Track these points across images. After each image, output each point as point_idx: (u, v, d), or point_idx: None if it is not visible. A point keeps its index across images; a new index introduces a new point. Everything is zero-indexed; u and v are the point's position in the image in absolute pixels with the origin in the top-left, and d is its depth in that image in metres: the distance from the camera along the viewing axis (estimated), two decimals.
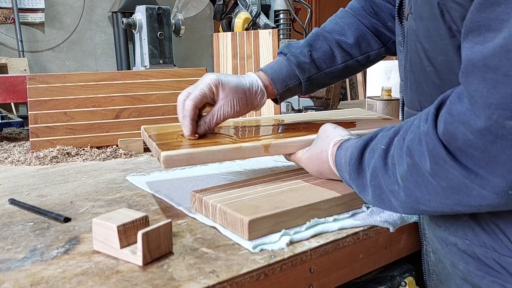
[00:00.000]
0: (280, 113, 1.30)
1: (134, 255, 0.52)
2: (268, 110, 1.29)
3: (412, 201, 0.50)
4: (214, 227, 0.63)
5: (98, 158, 1.09)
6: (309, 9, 1.69)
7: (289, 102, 1.74)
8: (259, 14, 1.57)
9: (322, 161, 0.68)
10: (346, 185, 0.64)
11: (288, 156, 0.78)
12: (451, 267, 0.58)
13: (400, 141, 0.51)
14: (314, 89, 0.90)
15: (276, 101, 0.88)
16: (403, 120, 0.70)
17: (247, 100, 0.80)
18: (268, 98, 0.85)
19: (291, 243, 0.58)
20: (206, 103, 0.78)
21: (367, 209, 0.68)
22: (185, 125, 0.76)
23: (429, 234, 0.64)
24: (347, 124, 0.87)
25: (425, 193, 0.48)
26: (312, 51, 0.85)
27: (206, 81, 0.76)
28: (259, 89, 0.82)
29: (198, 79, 0.79)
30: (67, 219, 0.67)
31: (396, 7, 0.68)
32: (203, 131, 0.78)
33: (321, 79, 0.87)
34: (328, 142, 0.67)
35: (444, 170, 0.45)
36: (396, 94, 1.15)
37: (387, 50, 0.90)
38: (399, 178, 0.50)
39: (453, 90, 0.47)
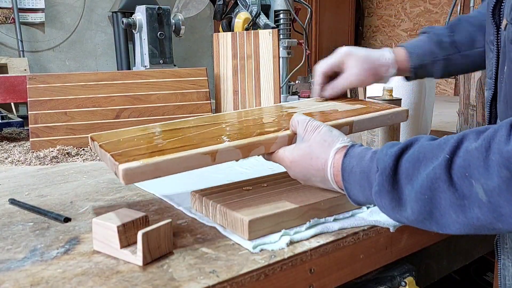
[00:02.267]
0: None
1: (134, 255, 0.52)
2: (267, 103, 1.29)
3: (492, 218, 0.45)
4: (214, 227, 0.63)
5: (98, 158, 1.09)
6: (309, 9, 1.69)
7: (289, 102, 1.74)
8: (259, 14, 1.57)
9: (315, 168, 0.60)
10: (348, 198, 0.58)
11: (267, 156, 0.69)
12: None
13: (481, 151, 0.44)
14: (449, 71, 0.88)
15: (408, 78, 0.89)
16: (490, 118, 0.67)
17: (372, 70, 0.82)
18: (400, 73, 0.86)
19: (291, 243, 0.58)
20: (336, 71, 0.85)
21: (367, 209, 0.68)
22: (313, 89, 0.86)
23: None
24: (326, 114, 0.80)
25: None
26: (454, 32, 0.85)
27: (338, 51, 0.84)
28: (389, 61, 0.83)
29: (198, 79, 0.79)
30: (67, 219, 0.67)
31: (492, 6, 0.64)
32: (328, 95, 0.86)
33: (458, 62, 0.85)
34: (325, 149, 0.60)
35: None
36: (396, 94, 1.14)
37: None
38: (483, 192, 0.44)
39: None
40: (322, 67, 0.85)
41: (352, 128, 0.73)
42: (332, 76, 0.86)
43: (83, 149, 1.13)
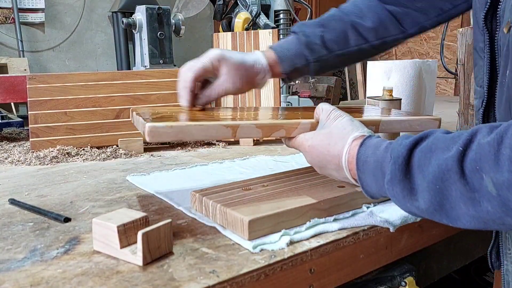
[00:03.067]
0: (280, 104, 1.30)
1: (134, 255, 0.52)
2: (267, 102, 1.29)
3: (501, 212, 0.45)
4: (214, 227, 0.63)
5: (98, 158, 1.09)
6: (309, 9, 1.69)
7: (289, 102, 1.74)
8: (259, 14, 1.57)
9: (332, 155, 0.60)
10: (360, 186, 0.58)
11: (287, 141, 0.70)
12: None
13: (492, 145, 0.44)
14: (324, 70, 0.87)
15: (284, 80, 0.87)
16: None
17: (248, 78, 0.78)
18: (274, 77, 0.83)
19: (291, 243, 0.58)
20: (206, 78, 0.78)
21: (367, 209, 0.68)
22: (183, 95, 0.75)
23: None
24: (353, 111, 0.83)
25: None
26: (324, 32, 0.82)
27: (209, 55, 0.76)
28: (262, 67, 0.80)
29: None
30: (67, 219, 0.67)
31: (483, 14, 0.63)
32: (202, 103, 0.78)
33: (331, 61, 0.84)
34: (344, 136, 0.60)
35: None
36: (396, 94, 1.14)
37: (407, 36, 0.86)
38: (493, 185, 0.44)
39: None
40: (194, 71, 0.75)
41: (379, 128, 0.74)
42: (203, 81, 0.79)
43: (83, 149, 1.13)
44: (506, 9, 0.58)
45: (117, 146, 1.16)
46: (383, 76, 1.15)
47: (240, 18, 1.57)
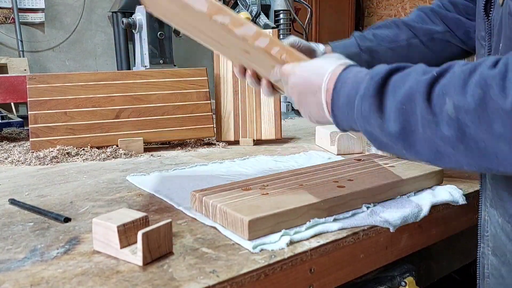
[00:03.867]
0: (280, 113, 1.30)
1: (134, 255, 0.52)
2: (267, 102, 1.29)
3: (455, 138, 0.44)
4: (214, 227, 0.63)
5: (98, 158, 1.09)
6: (309, 9, 1.69)
7: (289, 102, 1.73)
8: (259, 14, 1.57)
9: (316, 73, 0.59)
10: (341, 116, 0.56)
11: (281, 67, 0.67)
12: None
13: (464, 72, 0.45)
14: (375, 63, 0.90)
15: None
16: None
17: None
18: None
19: (291, 243, 0.58)
20: None
21: (367, 209, 0.68)
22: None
23: (497, 236, 0.60)
24: None
25: (484, 132, 0.42)
26: (376, 29, 0.90)
27: (287, 39, 0.82)
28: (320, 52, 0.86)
29: (198, 79, 0.79)
30: (67, 219, 0.67)
31: (483, 3, 0.64)
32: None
33: (382, 54, 0.89)
34: (331, 63, 0.59)
35: None
36: None
37: (455, 38, 0.90)
38: (452, 108, 0.44)
39: None
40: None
41: None
42: None
43: (83, 149, 1.13)
44: None
45: (117, 146, 1.16)
46: None
47: None
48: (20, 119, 1.53)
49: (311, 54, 0.83)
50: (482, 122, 0.42)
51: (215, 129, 1.30)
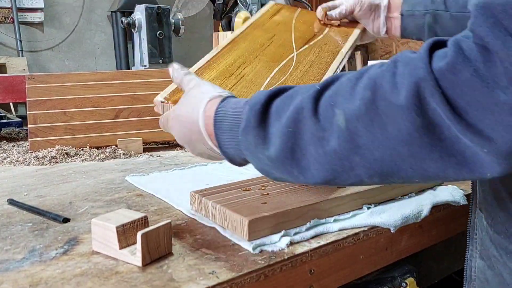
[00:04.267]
0: None
1: (134, 255, 0.52)
2: None
3: (348, 150, 0.41)
4: (214, 228, 0.62)
5: (97, 158, 1.08)
6: (309, 9, 1.68)
7: None
8: None
9: (191, 120, 0.55)
10: (220, 150, 0.52)
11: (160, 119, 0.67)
12: (510, 275, 0.54)
13: (351, 79, 0.42)
14: (437, 31, 0.88)
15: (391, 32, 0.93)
16: None
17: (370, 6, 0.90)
18: (392, 17, 0.91)
19: (291, 243, 0.58)
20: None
21: (368, 209, 0.68)
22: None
23: (484, 239, 0.60)
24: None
25: (379, 137, 0.39)
26: None
27: None
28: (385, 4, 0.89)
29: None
30: (66, 220, 0.66)
31: None
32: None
33: (445, 21, 0.86)
34: (202, 98, 0.55)
35: (428, 110, 0.36)
36: None
37: None
38: (342, 119, 0.41)
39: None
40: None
41: None
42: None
43: (82, 149, 1.13)
44: None
45: (116, 146, 1.16)
46: None
47: (240, 17, 1.57)
48: (19, 119, 1.53)
49: (375, 9, 0.89)
50: (375, 127, 0.39)
51: None
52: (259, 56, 0.79)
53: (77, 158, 1.08)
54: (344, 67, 0.83)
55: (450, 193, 0.75)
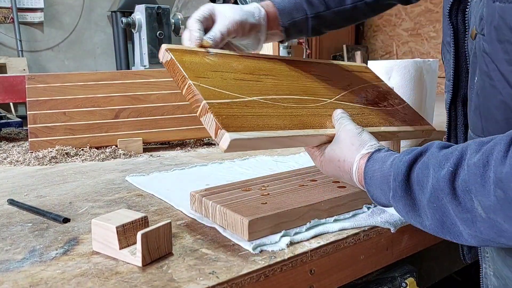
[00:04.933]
0: None
1: (134, 256, 0.52)
2: None
3: (494, 234, 0.45)
4: (214, 228, 0.62)
5: (97, 158, 1.08)
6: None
7: None
8: None
9: (344, 171, 0.61)
10: (372, 199, 0.58)
11: (309, 149, 0.69)
12: None
13: (479, 168, 0.45)
14: (322, 29, 0.88)
15: (282, 40, 0.86)
16: (450, 121, 0.69)
17: (243, 26, 0.76)
18: (272, 31, 0.82)
19: (291, 244, 0.58)
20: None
21: (368, 209, 0.68)
22: (191, 36, 0.74)
23: (496, 260, 0.60)
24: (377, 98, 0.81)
25: None
26: None
27: (200, 9, 0.76)
28: (262, 19, 0.79)
29: None
30: (66, 220, 0.66)
31: (448, 7, 0.64)
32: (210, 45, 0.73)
33: (329, 19, 0.85)
34: (353, 153, 0.61)
35: None
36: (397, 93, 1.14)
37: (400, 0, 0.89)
38: (481, 208, 0.45)
39: None
40: (195, 17, 0.75)
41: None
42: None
43: (82, 150, 1.13)
44: (471, 14, 0.59)
45: (116, 146, 1.16)
46: (384, 75, 1.15)
47: None
48: (19, 119, 1.53)
49: (251, 28, 0.76)
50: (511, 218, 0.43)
51: None
52: (289, 83, 0.74)
53: (77, 158, 1.08)
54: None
55: None
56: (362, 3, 0.85)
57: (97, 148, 1.15)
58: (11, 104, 2.03)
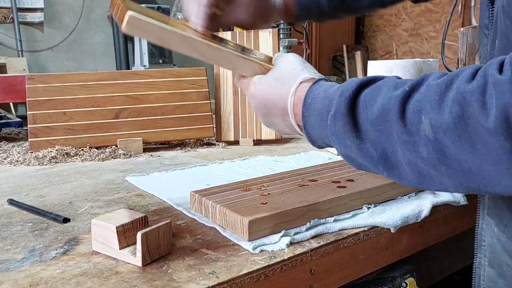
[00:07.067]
0: None
1: (134, 255, 0.52)
2: None
3: (435, 159, 0.41)
4: (214, 228, 0.62)
5: (97, 158, 1.08)
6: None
7: None
8: None
9: (278, 96, 0.55)
10: (305, 133, 0.53)
11: (241, 79, 0.63)
12: None
13: (440, 86, 0.41)
14: (330, 14, 0.84)
15: (292, 18, 0.82)
16: None
17: (263, 10, 0.74)
18: (285, 12, 0.79)
19: (291, 243, 0.57)
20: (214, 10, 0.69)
21: (368, 209, 0.68)
22: (196, 13, 0.67)
23: (494, 247, 0.58)
24: None
25: (467, 152, 0.39)
26: None
27: None
28: (280, 5, 0.77)
29: (198, 79, 0.78)
30: (66, 220, 0.66)
31: None
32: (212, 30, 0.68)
33: (344, 10, 0.83)
34: (293, 76, 0.55)
35: None
36: None
37: None
38: (429, 127, 0.41)
39: None
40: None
41: None
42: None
43: (82, 149, 1.13)
44: None
45: (116, 146, 1.16)
46: (384, 75, 1.15)
47: None
48: (19, 119, 1.53)
49: (267, 5, 0.74)
50: (463, 142, 0.39)
51: (214, 129, 1.30)
52: None
53: (77, 158, 1.08)
54: (345, 66, 0.78)
55: (451, 193, 0.75)
56: None
57: (97, 148, 1.15)
58: (11, 104, 2.03)
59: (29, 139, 1.11)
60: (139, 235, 0.51)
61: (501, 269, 0.57)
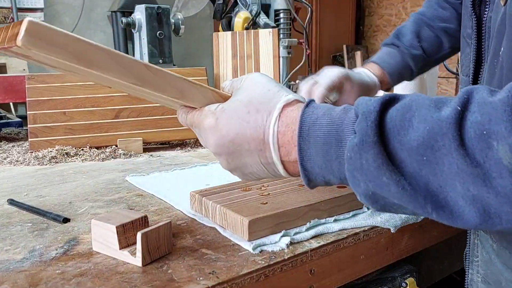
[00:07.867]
0: None
1: (134, 256, 0.52)
2: None
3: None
4: (214, 228, 0.62)
5: (97, 158, 1.08)
6: (309, 8, 1.68)
7: None
8: (259, 13, 1.56)
9: (251, 126, 0.44)
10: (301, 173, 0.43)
11: (190, 112, 0.50)
12: None
13: (504, 102, 0.33)
14: (419, 70, 0.95)
15: (388, 87, 0.94)
16: None
17: (366, 94, 0.82)
18: (381, 89, 0.90)
19: (292, 243, 0.57)
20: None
21: (368, 209, 0.68)
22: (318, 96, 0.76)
23: (489, 263, 0.55)
24: None
25: None
26: (421, 42, 0.91)
27: (335, 73, 0.79)
28: (375, 84, 0.87)
29: (198, 79, 0.78)
30: (66, 220, 0.66)
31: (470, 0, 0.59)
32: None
33: (429, 65, 0.95)
34: (270, 100, 0.45)
35: None
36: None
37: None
38: (507, 156, 0.32)
39: None
40: (324, 87, 0.75)
41: None
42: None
43: (82, 149, 1.13)
44: None
45: (116, 146, 1.16)
46: None
47: (240, 17, 1.57)
48: (19, 119, 1.53)
49: (365, 87, 0.84)
50: None
51: None
52: None
53: (77, 158, 1.08)
54: (345, 66, 0.82)
55: None
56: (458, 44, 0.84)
57: (97, 148, 1.15)
58: (11, 104, 2.02)
59: (29, 139, 1.11)
60: (139, 235, 0.51)
61: (499, 285, 0.54)
